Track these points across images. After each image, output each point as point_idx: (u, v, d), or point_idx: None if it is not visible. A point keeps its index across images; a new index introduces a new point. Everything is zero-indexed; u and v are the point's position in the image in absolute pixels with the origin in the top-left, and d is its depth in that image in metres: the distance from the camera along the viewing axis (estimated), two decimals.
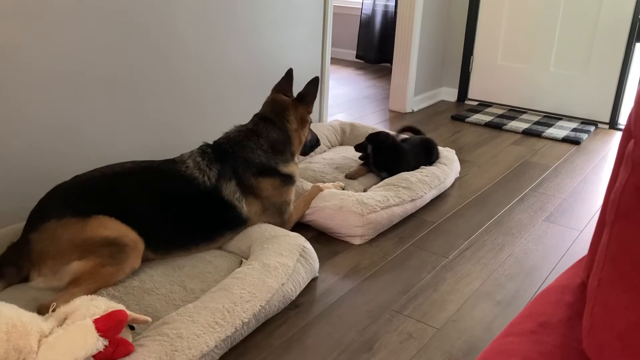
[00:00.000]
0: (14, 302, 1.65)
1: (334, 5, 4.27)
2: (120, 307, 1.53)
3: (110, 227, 1.89)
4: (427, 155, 3.03)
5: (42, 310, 1.68)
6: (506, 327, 0.85)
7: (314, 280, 2.12)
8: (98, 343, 1.38)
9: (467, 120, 4.23)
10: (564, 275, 1.00)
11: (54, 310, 1.55)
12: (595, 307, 0.72)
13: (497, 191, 3.01)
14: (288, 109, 2.38)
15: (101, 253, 1.85)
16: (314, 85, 2.39)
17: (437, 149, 3.10)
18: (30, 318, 1.42)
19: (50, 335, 1.41)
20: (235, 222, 2.20)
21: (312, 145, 2.60)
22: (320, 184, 2.61)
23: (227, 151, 2.23)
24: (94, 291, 1.80)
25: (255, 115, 2.40)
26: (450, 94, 4.80)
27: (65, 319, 1.49)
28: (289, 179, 2.34)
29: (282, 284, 1.88)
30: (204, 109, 2.87)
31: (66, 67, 2.24)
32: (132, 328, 1.58)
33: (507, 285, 2.15)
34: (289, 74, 2.51)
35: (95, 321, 1.41)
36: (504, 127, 4.08)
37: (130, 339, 1.54)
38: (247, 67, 2.88)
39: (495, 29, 4.47)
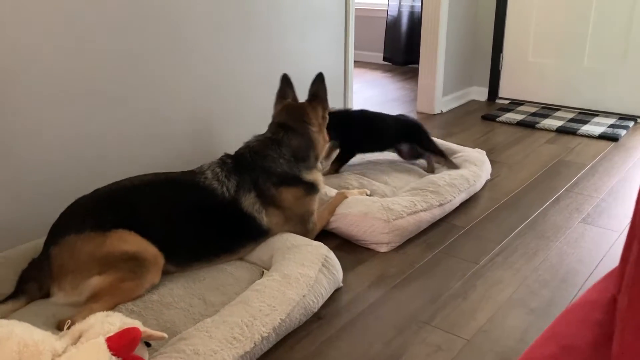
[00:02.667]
0: (34, 318, 1.65)
1: (359, 9, 4.21)
2: (136, 323, 1.50)
3: (130, 241, 1.87)
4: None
5: (60, 326, 1.66)
6: (525, 352, 0.76)
7: (337, 290, 2.05)
8: None
9: (498, 119, 4.10)
10: (594, 288, 0.90)
11: (68, 328, 1.52)
12: (626, 330, 0.63)
13: (530, 193, 2.89)
14: (307, 112, 2.32)
15: (121, 268, 1.83)
16: (320, 81, 2.36)
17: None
18: (42, 337, 1.39)
19: (63, 354, 1.38)
20: (256, 233, 2.16)
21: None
22: (345, 191, 2.54)
23: (246, 161, 2.19)
24: (114, 306, 1.78)
25: (272, 124, 2.34)
26: (480, 93, 4.68)
27: (79, 336, 1.46)
28: (312, 188, 2.28)
29: (304, 296, 1.82)
30: (226, 117, 2.84)
31: (84, 83, 2.23)
32: (148, 345, 1.54)
33: (541, 292, 2.04)
34: (286, 79, 2.42)
35: (108, 339, 1.37)
36: (537, 126, 3.94)
37: (146, 357, 1.50)
38: (270, 72, 2.84)
39: (525, 25, 4.33)
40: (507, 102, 4.55)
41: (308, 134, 2.30)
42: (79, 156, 2.28)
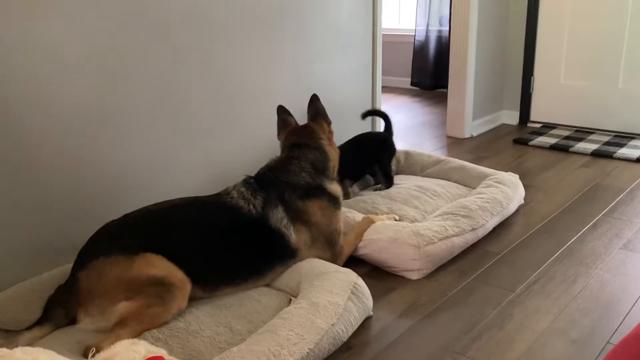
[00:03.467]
0: (60, 345, 1.62)
1: (386, 34, 4.21)
2: (161, 352, 1.46)
3: (158, 266, 1.85)
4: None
5: (86, 353, 1.64)
6: None
7: (367, 319, 1.99)
8: None
9: (530, 143, 4.01)
10: None
11: (93, 356, 1.49)
12: None
13: (566, 217, 2.79)
14: (314, 129, 2.39)
15: (148, 293, 1.80)
16: (316, 100, 2.47)
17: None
18: None
19: None
20: (284, 253, 2.12)
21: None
22: (372, 216, 2.49)
23: (269, 178, 2.20)
24: (140, 333, 1.75)
25: (284, 148, 2.39)
26: (511, 116, 4.60)
27: None
28: (335, 200, 2.28)
29: (332, 325, 1.76)
30: (254, 142, 2.83)
31: (114, 105, 2.25)
32: None
33: (582, 321, 1.94)
34: (282, 109, 2.48)
35: None
36: (571, 149, 3.84)
37: None
38: (297, 97, 2.83)
39: (556, 47, 4.26)
40: (539, 125, 4.46)
41: (321, 147, 2.35)
42: (109, 183, 2.28)
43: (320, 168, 2.30)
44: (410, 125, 4.75)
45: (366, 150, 3.05)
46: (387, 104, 5.51)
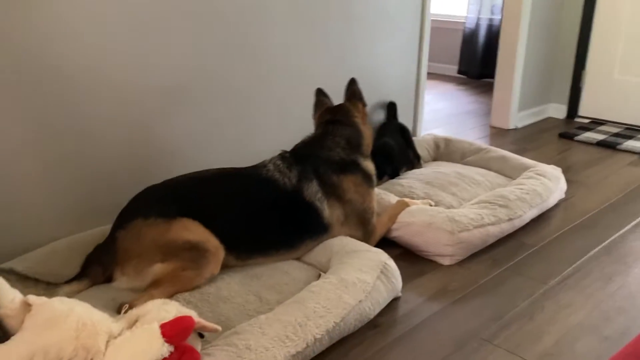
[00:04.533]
0: (94, 301, 1.67)
1: (435, 20, 4.14)
2: (191, 313, 1.50)
3: (194, 231, 1.89)
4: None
5: (119, 310, 1.69)
6: None
7: (395, 300, 1.99)
8: (163, 349, 1.35)
9: (576, 138, 3.90)
10: None
11: (126, 312, 1.54)
12: None
13: (608, 215, 2.71)
14: (349, 108, 2.39)
15: (183, 257, 1.85)
16: (354, 83, 2.46)
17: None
18: (100, 318, 1.41)
19: (118, 337, 1.40)
20: (316, 228, 2.14)
21: None
22: (408, 200, 2.47)
23: (305, 153, 2.23)
24: (172, 295, 1.80)
25: (318, 125, 2.40)
26: (558, 110, 4.47)
27: (136, 321, 1.47)
28: (369, 178, 2.29)
29: (360, 301, 1.77)
30: (299, 124, 2.83)
31: (170, 80, 2.31)
32: (201, 336, 1.54)
33: (617, 319, 1.89)
34: (321, 91, 2.49)
35: (162, 326, 1.38)
36: (619, 147, 3.71)
37: (198, 347, 1.49)
38: (340, 80, 2.81)
39: (611, 40, 4.10)
40: (587, 120, 4.32)
41: (356, 125, 2.36)
42: (155, 151, 2.34)
43: (355, 144, 2.30)
44: (453, 113, 4.68)
45: (404, 138, 3.10)
46: (432, 90, 5.44)
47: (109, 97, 2.16)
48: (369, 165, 2.33)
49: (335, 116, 2.36)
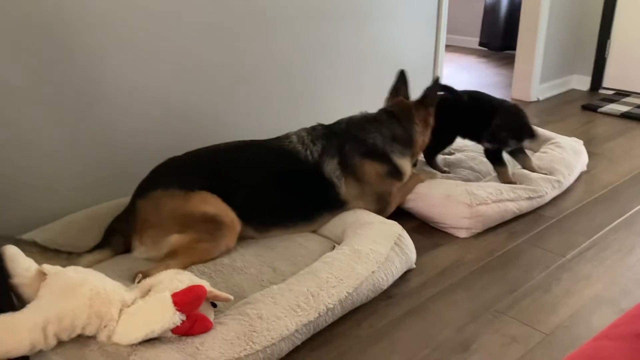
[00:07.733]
0: (110, 270, 1.70)
1: None
2: (204, 283, 1.51)
3: (212, 204, 1.91)
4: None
5: (135, 278, 1.71)
6: (605, 329, 0.67)
7: (409, 271, 1.98)
8: (174, 317, 1.37)
9: (599, 110, 3.81)
10: None
11: (139, 282, 1.56)
12: None
13: (629, 188, 2.65)
14: (413, 115, 2.29)
15: (199, 228, 1.87)
16: (435, 87, 2.33)
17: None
18: (114, 287, 1.44)
19: (131, 305, 1.42)
20: (333, 203, 2.14)
21: None
22: (422, 175, 2.44)
23: (340, 129, 2.20)
24: (188, 266, 1.82)
25: (381, 110, 2.34)
26: (581, 81, 4.37)
27: (149, 290, 1.50)
28: (397, 173, 2.24)
29: (373, 272, 1.77)
30: (320, 94, 2.82)
31: (193, 60, 2.33)
32: (214, 305, 1.56)
33: (635, 292, 1.86)
34: (403, 76, 2.38)
35: (174, 295, 1.40)
36: None
37: (211, 316, 1.51)
38: (361, 52, 2.78)
39: (638, 9, 3.97)
40: (611, 92, 4.22)
41: (411, 131, 2.28)
42: (170, 124, 2.35)
43: (399, 144, 2.24)
44: (474, 86, 4.57)
45: None
46: (453, 63, 5.35)
47: (135, 69, 2.17)
48: (404, 164, 2.25)
49: (399, 113, 2.28)
